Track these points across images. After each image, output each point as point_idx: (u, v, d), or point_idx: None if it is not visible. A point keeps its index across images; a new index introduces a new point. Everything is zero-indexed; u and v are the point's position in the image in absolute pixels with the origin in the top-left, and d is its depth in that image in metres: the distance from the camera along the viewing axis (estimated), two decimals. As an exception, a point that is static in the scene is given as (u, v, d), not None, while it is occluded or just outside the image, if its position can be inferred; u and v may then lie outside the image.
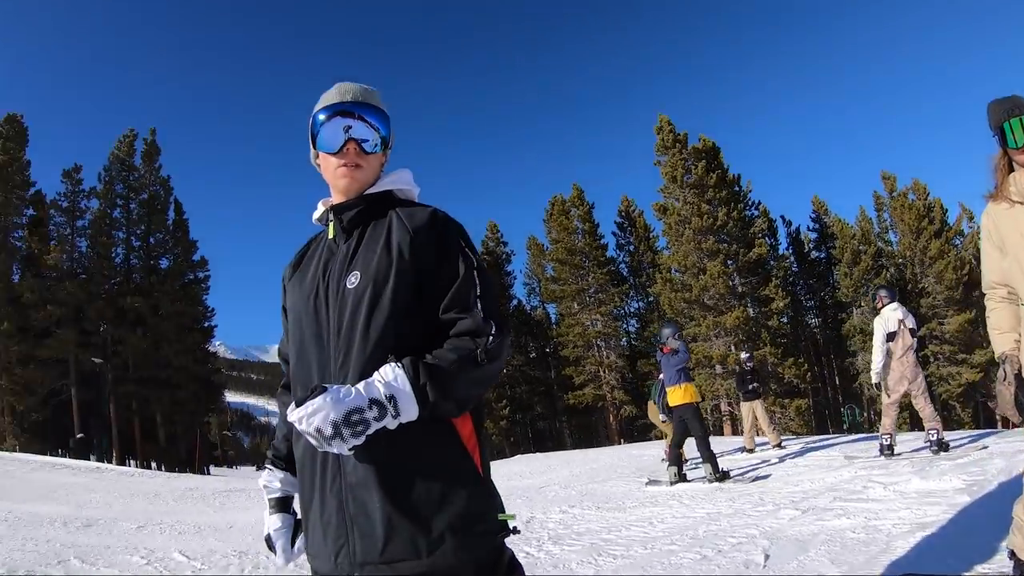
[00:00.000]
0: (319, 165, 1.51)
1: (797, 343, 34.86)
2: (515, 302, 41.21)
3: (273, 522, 1.50)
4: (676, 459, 7.72)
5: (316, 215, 1.53)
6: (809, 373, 30.55)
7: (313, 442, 1.20)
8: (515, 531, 1.36)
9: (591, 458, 13.49)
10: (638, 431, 34.66)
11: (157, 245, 33.42)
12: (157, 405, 30.86)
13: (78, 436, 29.16)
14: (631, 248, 38.54)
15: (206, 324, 34.77)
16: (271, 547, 1.49)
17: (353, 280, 1.34)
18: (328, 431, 1.16)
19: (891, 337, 7.21)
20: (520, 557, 1.50)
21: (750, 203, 33.54)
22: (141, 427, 31.53)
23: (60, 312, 28.98)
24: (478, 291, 1.35)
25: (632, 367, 34.85)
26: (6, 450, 23.16)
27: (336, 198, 1.50)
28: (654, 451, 12.61)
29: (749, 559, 3.80)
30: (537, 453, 22.05)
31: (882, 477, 5.76)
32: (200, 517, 7.76)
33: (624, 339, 36.74)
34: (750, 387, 11.21)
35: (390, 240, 1.37)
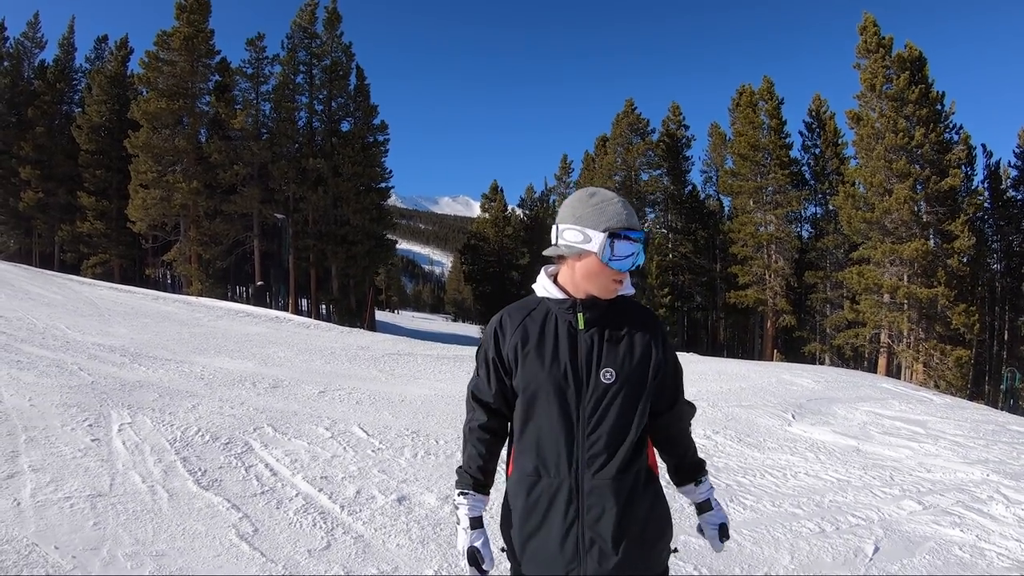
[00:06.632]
0: (574, 257, 1.63)
1: (974, 288, 31.31)
2: (689, 188, 40.20)
3: (476, 537, 1.74)
4: None
5: (549, 295, 1.67)
6: (979, 323, 27.51)
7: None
8: (675, 551, 1.74)
9: (742, 374, 12.89)
10: (794, 343, 33.77)
11: (339, 109, 34.74)
12: (333, 259, 33.19)
13: (258, 283, 32.47)
14: (817, 152, 35.53)
15: (383, 185, 36.13)
16: (476, 557, 1.72)
17: (608, 377, 1.59)
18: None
19: None
20: None
21: (951, 126, 29.57)
22: (316, 277, 34.32)
23: (246, 171, 31.23)
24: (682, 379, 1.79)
25: (799, 276, 33.21)
26: (192, 294, 26.14)
27: (580, 293, 1.65)
28: (805, 381, 11.92)
29: (860, 547, 3.95)
30: (692, 354, 21.56)
31: (1011, 491, 5.32)
32: (373, 385, 8.16)
33: (796, 245, 34.33)
34: None
35: (634, 346, 1.63)
